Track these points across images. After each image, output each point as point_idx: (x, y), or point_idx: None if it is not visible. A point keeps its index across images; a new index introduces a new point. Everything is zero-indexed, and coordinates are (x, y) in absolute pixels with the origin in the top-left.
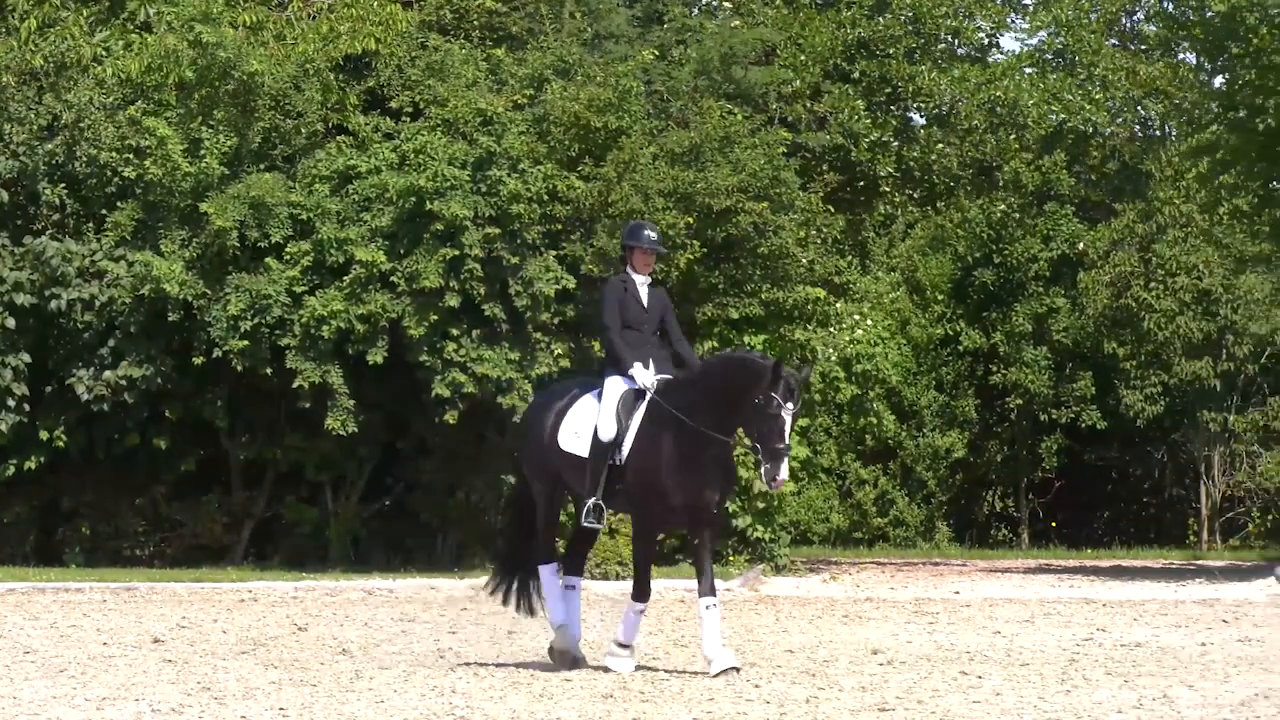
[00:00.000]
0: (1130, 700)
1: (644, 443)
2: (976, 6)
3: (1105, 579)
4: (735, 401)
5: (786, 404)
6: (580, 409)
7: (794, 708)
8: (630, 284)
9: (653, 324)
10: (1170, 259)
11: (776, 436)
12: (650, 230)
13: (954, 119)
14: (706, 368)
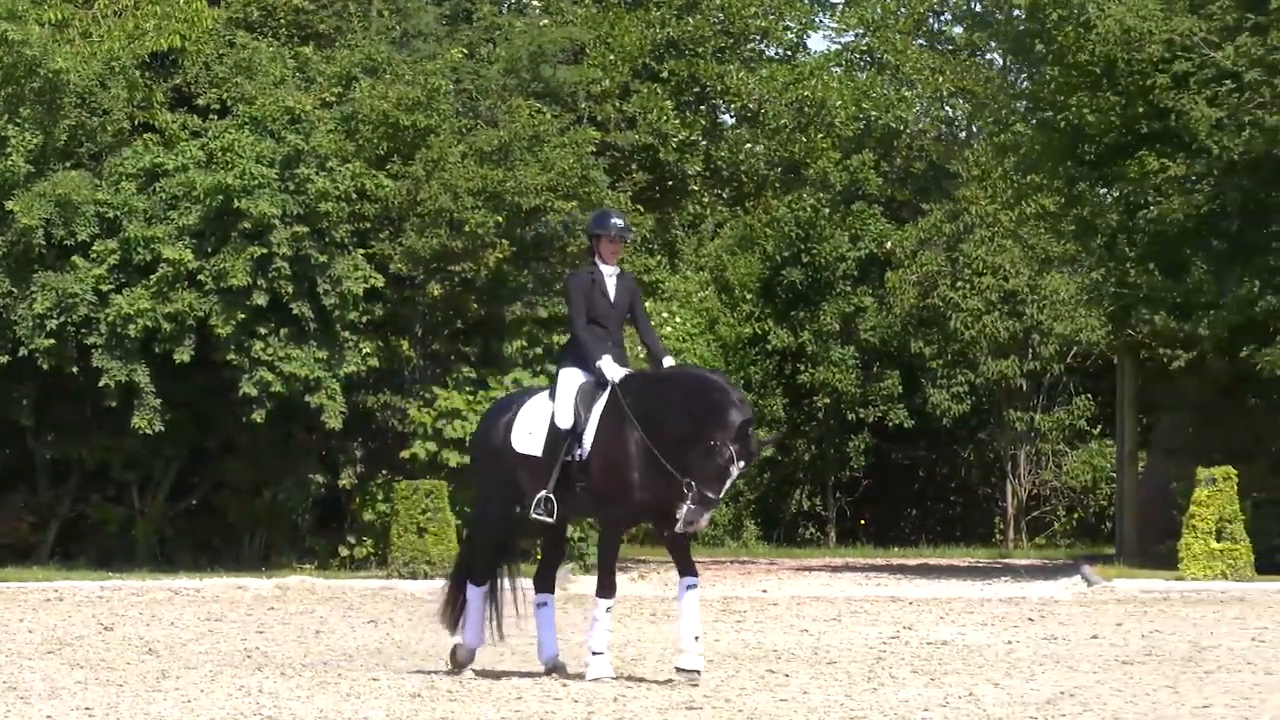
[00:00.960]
0: (936, 698)
1: (607, 436)
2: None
3: (912, 577)
4: (692, 428)
5: (739, 463)
6: (533, 408)
7: (602, 706)
8: (598, 275)
9: (620, 316)
10: (976, 259)
11: (715, 486)
12: (617, 218)
13: (762, 118)
14: (680, 376)
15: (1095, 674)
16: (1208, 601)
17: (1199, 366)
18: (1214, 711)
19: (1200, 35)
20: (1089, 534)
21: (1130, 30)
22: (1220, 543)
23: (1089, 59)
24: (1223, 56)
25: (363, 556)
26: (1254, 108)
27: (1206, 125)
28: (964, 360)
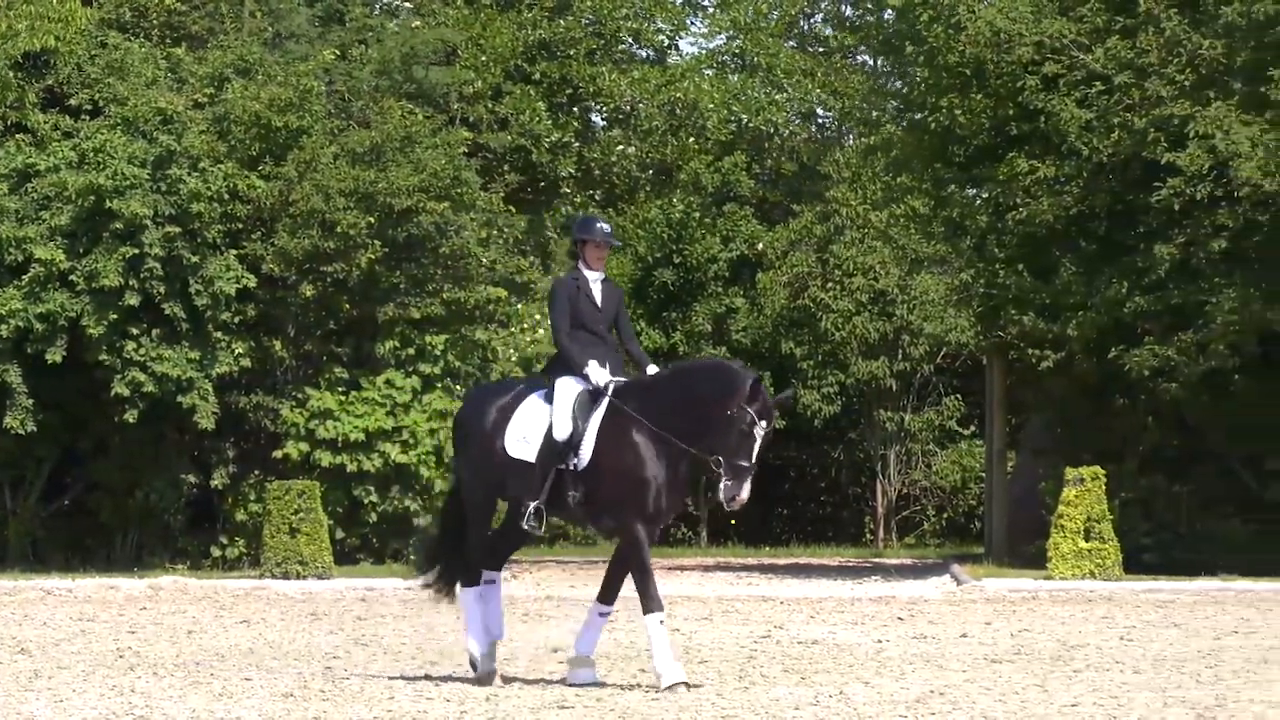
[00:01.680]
0: (807, 697)
1: (610, 443)
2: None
3: (783, 577)
4: (705, 410)
5: (761, 422)
6: (528, 411)
7: (474, 705)
8: (583, 281)
9: (607, 322)
10: (847, 260)
11: (744, 454)
12: (602, 223)
13: (634, 120)
14: (678, 372)
15: (964, 673)
16: (1076, 600)
17: (1067, 367)
18: (1082, 710)
19: (1070, 38)
20: (958, 533)
21: (1000, 32)
22: (1088, 542)
23: (959, 61)
24: (1092, 59)
25: (235, 557)
26: (1123, 110)
27: (1076, 127)
28: (834, 361)
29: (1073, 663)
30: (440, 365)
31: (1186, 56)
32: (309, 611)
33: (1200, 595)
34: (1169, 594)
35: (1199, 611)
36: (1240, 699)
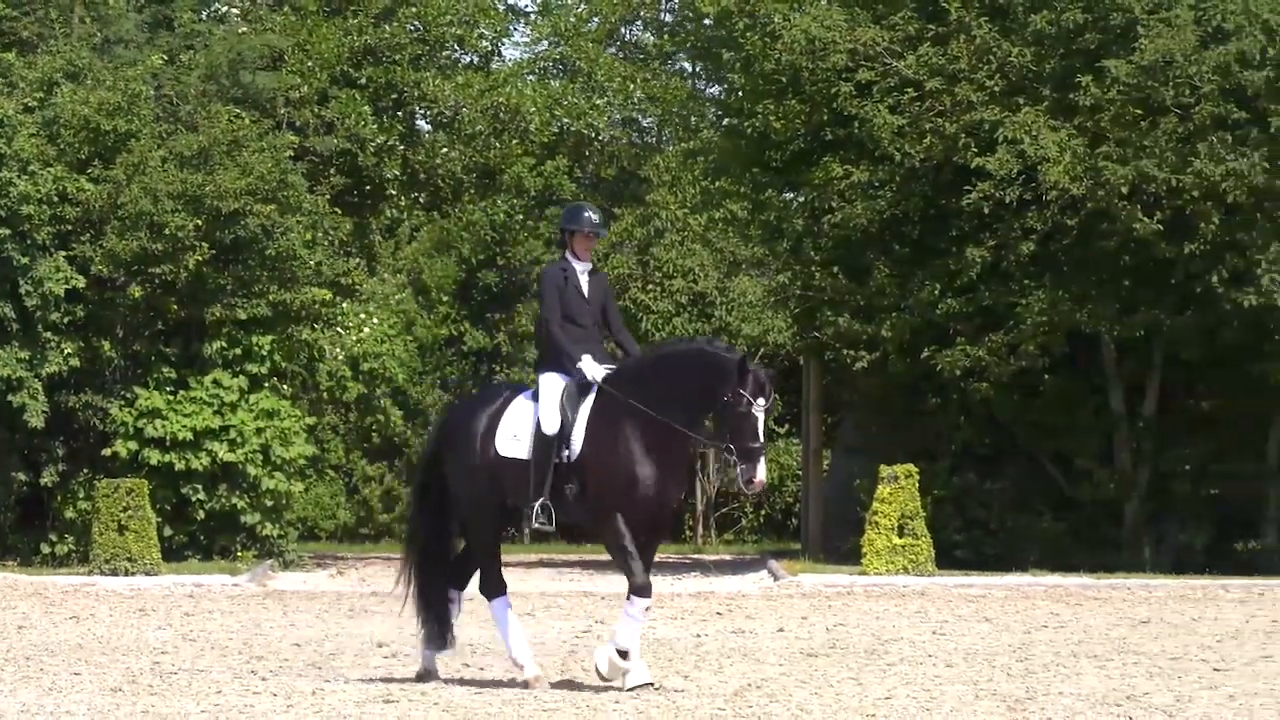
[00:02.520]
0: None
1: (599, 435)
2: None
3: (604, 572)
4: (699, 398)
5: (758, 400)
6: (516, 410)
7: (301, 700)
8: (571, 272)
9: (595, 314)
10: (667, 262)
11: (750, 435)
12: (591, 212)
13: (458, 124)
14: (662, 359)
15: (781, 666)
16: (890, 595)
17: (881, 367)
18: (896, 703)
19: (883, 45)
20: (776, 530)
21: (815, 40)
22: (902, 539)
23: (775, 67)
24: (904, 66)
25: (64, 554)
26: (934, 115)
27: (889, 132)
28: None
29: (887, 657)
30: (267, 365)
31: (996, 63)
32: (137, 607)
33: (1011, 590)
34: (981, 589)
35: (1010, 606)
36: (1050, 692)
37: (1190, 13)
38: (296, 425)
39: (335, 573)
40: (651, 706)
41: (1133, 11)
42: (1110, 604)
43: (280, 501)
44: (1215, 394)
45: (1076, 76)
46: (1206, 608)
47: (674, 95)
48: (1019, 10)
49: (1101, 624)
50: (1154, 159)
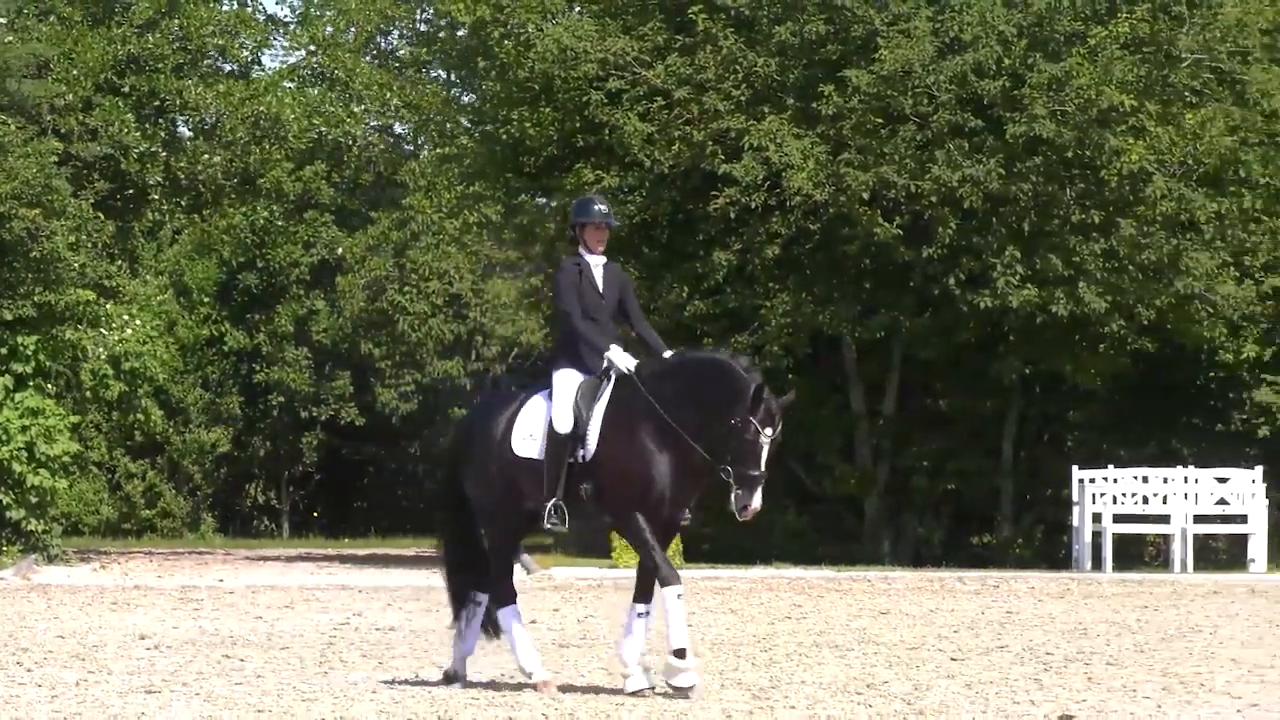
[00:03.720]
0: (384, 681)
1: (614, 432)
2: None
3: (362, 566)
4: (712, 412)
5: (765, 430)
6: (531, 410)
7: (65, 691)
8: (585, 266)
9: (610, 308)
10: (423, 264)
11: (752, 463)
12: (600, 204)
13: (219, 131)
14: (686, 364)
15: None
16: None
17: None
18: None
19: (633, 55)
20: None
21: (567, 49)
22: None
23: (528, 76)
24: (653, 75)
25: None
26: (682, 123)
27: (638, 140)
28: (411, 361)
29: None
30: (32, 365)
31: (742, 73)
32: None
33: (756, 583)
34: (726, 581)
35: (754, 598)
36: (793, 680)
37: (928, 24)
38: (61, 423)
39: (99, 567)
40: (408, 697)
41: (873, 23)
42: (851, 595)
43: (45, 497)
44: (952, 393)
45: (819, 86)
46: (943, 599)
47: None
48: (764, 22)
49: (842, 615)
50: (893, 166)
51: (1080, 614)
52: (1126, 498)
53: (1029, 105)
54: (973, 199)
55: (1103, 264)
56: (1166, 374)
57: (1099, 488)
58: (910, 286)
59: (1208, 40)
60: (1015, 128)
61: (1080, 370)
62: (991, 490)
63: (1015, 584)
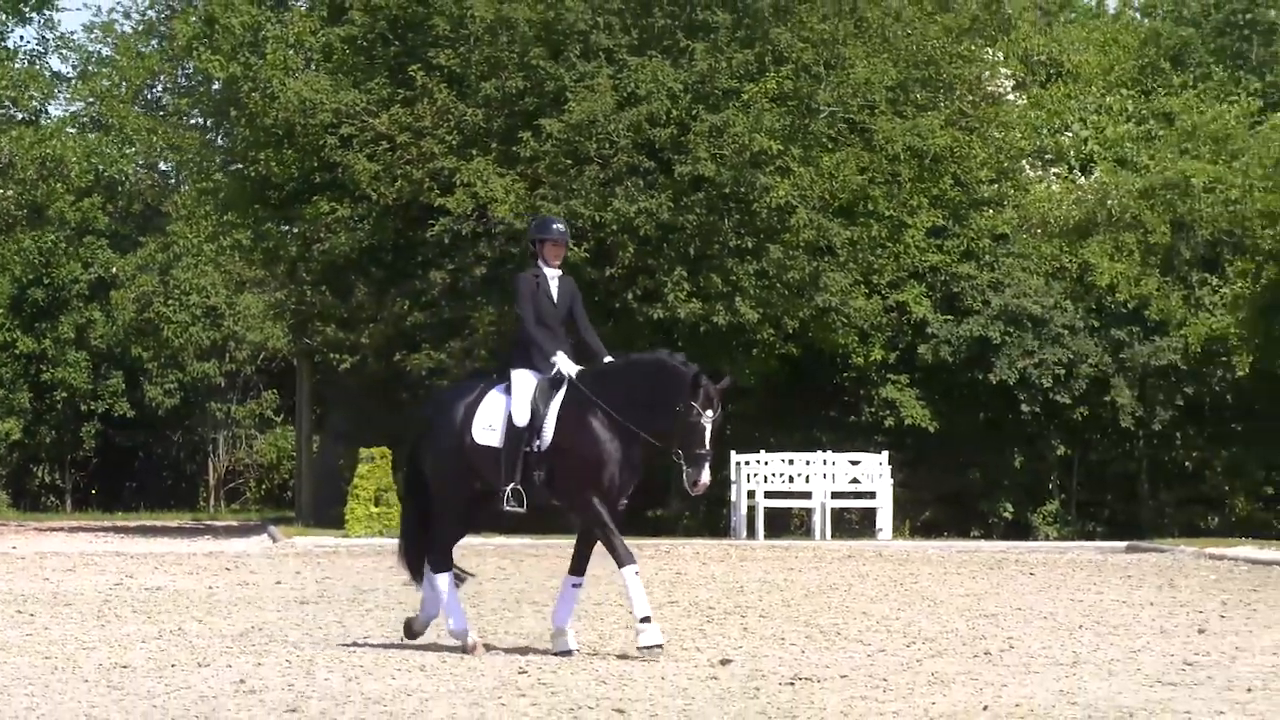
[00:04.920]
0: (153, 632)
1: (569, 425)
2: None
3: (134, 536)
4: (657, 405)
5: (706, 412)
6: (491, 403)
7: None
8: (542, 278)
9: (562, 316)
10: (185, 281)
11: (697, 443)
12: (558, 224)
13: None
14: (630, 366)
15: (279, 612)
16: (369, 554)
17: (361, 368)
18: (373, 640)
19: (362, 106)
20: (275, 501)
21: (306, 101)
22: (378, 507)
23: (274, 123)
24: (379, 123)
25: None
26: (404, 163)
27: (367, 177)
28: (175, 363)
29: (365, 604)
30: None
31: (454, 121)
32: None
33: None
34: None
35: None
36: (497, 631)
37: (609, 81)
38: None
39: None
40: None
41: (563, 80)
42: (548, 559)
43: None
44: None
45: (519, 132)
46: None
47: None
48: (472, 78)
49: (540, 576)
50: (581, 199)
51: (737, 575)
52: (776, 477)
53: (694, 149)
54: (647, 228)
55: (755, 282)
56: (809, 374)
57: (753, 469)
58: (596, 301)
59: (841, 95)
60: (682, 168)
61: (737, 371)
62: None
63: (683, 550)
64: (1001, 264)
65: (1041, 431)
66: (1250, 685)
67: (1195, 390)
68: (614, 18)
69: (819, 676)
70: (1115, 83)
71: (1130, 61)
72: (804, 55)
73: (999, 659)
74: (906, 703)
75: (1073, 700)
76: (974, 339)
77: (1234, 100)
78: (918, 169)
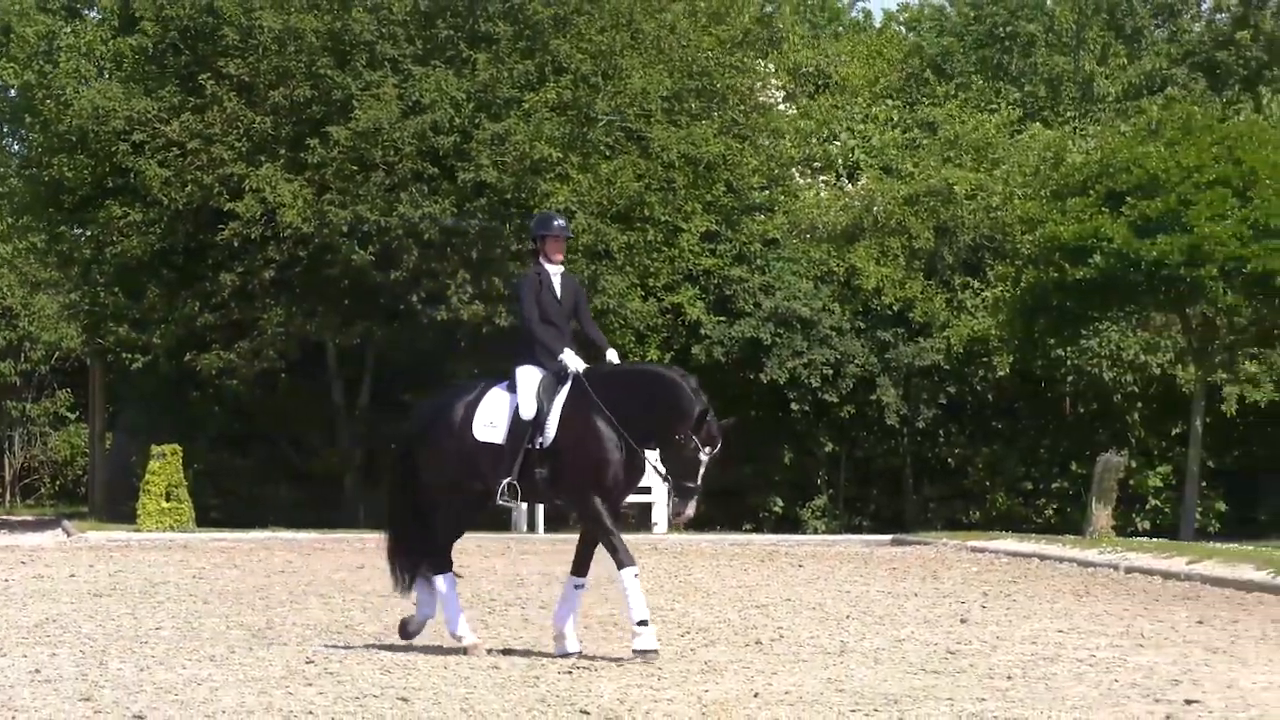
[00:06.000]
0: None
1: (573, 423)
2: None
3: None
4: (656, 424)
5: (706, 449)
6: (492, 400)
7: None
8: (545, 276)
9: (568, 313)
10: None
11: (690, 476)
12: (559, 220)
13: None
14: (639, 376)
15: (73, 604)
16: (160, 548)
17: (153, 367)
18: (164, 632)
19: (153, 113)
20: (69, 497)
21: (99, 108)
22: (169, 502)
23: (68, 129)
24: (170, 130)
25: None
26: (195, 169)
27: (158, 182)
28: None
29: (157, 596)
30: None
31: (243, 129)
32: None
33: (258, 544)
34: (231, 542)
35: (254, 556)
36: (286, 622)
37: (395, 90)
38: None
39: None
40: None
41: (349, 89)
42: (333, 553)
43: None
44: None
45: (306, 140)
46: None
47: None
48: (261, 87)
49: (326, 569)
50: (367, 204)
51: (518, 567)
52: None
53: (476, 156)
54: (431, 232)
55: None
56: None
57: None
58: (381, 303)
59: (618, 104)
60: (465, 174)
61: None
62: None
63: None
64: (772, 268)
65: (810, 429)
66: (1010, 673)
67: (957, 390)
68: (399, 28)
69: (596, 665)
70: (881, 93)
71: (895, 73)
72: (583, 66)
73: (769, 648)
74: (681, 690)
75: (840, 688)
76: (746, 340)
77: (994, 110)
78: (692, 176)
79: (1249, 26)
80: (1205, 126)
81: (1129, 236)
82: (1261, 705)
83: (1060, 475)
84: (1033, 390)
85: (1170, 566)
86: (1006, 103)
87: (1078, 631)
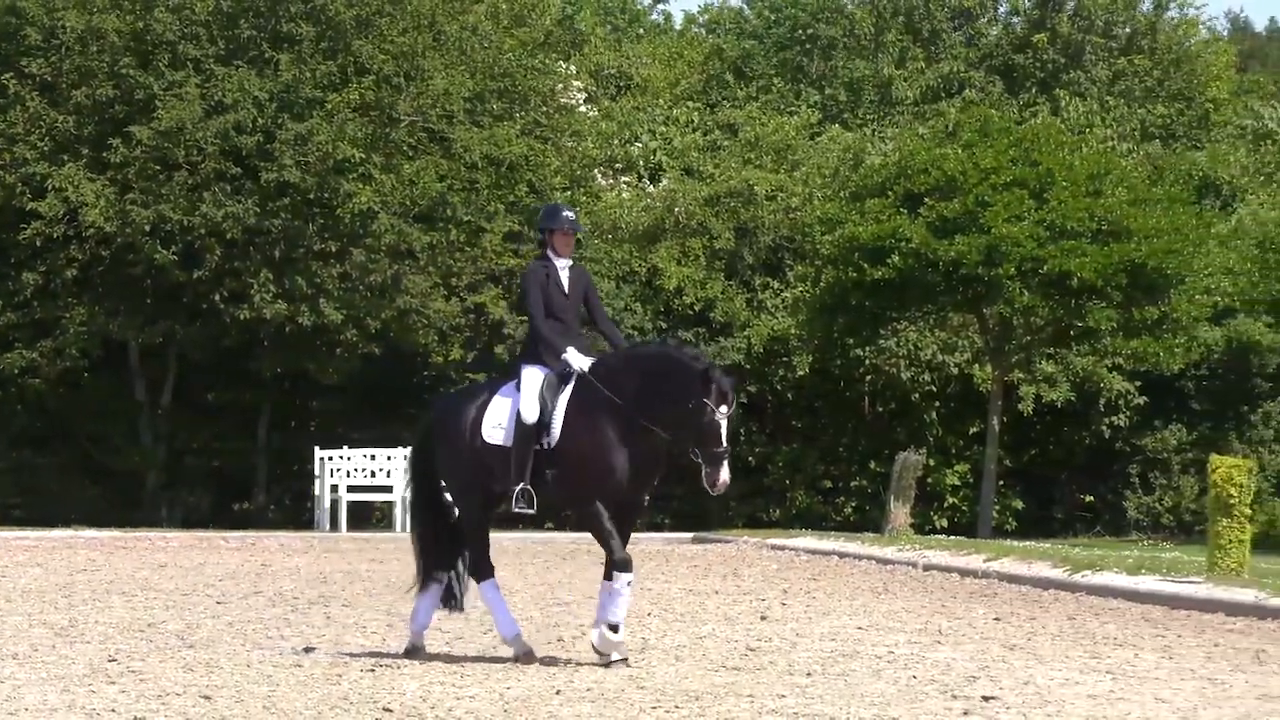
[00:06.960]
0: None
1: (577, 422)
2: None
3: None
4: (669, 401)
5: (720, 408)
6: (499, 402)
7: None
8: (552, 269)
9: (575, 308)
10: None
11: (714, 441)
12: (568, 211)
13: None
14: (640, 359)
15: None
16: None
17: None
18: None
19: None
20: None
21: None
22: None
23: None
24: None
25: None
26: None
27: None
28: None
29: None
30: None
31: (46, 128)
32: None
33: (58, 542)
34: (34, 541)
35: (58, 555)
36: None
37: (198, 90)
38: None
39: None
40: None
41: (152, 89)
42: (136, 552)
43: None
44: (218, 387)
45: (109, 139)
46: (210, 554)
47: None
48: (64, 86)
49: (129, 567)
50: (170, 204)
51: (322, 565)
52: (358, 471)
53: (279, 156)
54: (234, 231)
55: (339, 284)
56: (391, 372)
57: (336, 464)
58: (184, 302)
59: (421, 105)
60: (268, 174)
61: (321, 369)
62: (250, 466)
63: (268, 541)
64: None
65: None
66: (810, 670)
67: (758, 389)
68: (201, 28)
69: (399, 663)
70: (682, 95)
71: (696, 75)
72: (385, 66)
73: (572, 645)
74: (483, 687)
75: (641, 685)
76: None
77: (794, 112)
78: (495, 176)
79: (1045, 30)
80: (1002, 129)
81: (927, 237)
82: (1058, 701)
83: (859, 474)
84: (832, 389)
85: (968, 564)
86: (806, 105)
87: (876, 628)
